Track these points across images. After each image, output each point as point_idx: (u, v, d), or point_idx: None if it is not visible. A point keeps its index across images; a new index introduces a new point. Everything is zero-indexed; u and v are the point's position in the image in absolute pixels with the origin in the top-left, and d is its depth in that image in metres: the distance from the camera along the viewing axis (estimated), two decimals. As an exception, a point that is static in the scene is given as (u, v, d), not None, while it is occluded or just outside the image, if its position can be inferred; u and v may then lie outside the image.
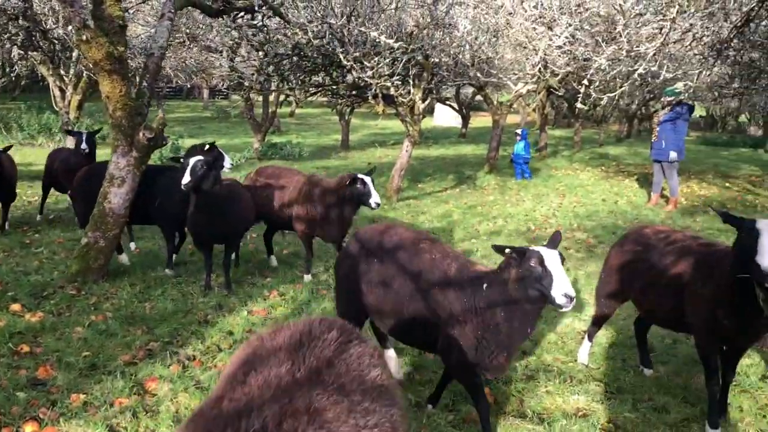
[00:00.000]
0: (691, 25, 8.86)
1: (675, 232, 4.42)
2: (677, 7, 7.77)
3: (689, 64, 10.88)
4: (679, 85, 11.08)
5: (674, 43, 9.24)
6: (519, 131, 14.66)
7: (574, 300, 3.11)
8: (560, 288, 3.09)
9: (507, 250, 3.33)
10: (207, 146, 6.87)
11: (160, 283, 6.02)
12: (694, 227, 9.40)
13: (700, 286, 3.76)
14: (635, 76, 8.69)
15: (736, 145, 25.83)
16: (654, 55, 8.56)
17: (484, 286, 3.38)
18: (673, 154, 10.81)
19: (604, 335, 5.18)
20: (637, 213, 10.49)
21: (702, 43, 9.74)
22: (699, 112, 33.69)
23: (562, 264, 3.22)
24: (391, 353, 4.35)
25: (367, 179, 6.16)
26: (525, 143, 14.26)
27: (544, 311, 3.37)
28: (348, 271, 4.01)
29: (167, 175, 6.32)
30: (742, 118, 31.92)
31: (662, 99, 11.57)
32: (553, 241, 3.49)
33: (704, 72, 10.35)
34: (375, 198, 6.11)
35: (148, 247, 7.54)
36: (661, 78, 9.26)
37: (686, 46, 9.87)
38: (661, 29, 8.76)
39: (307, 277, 6.40)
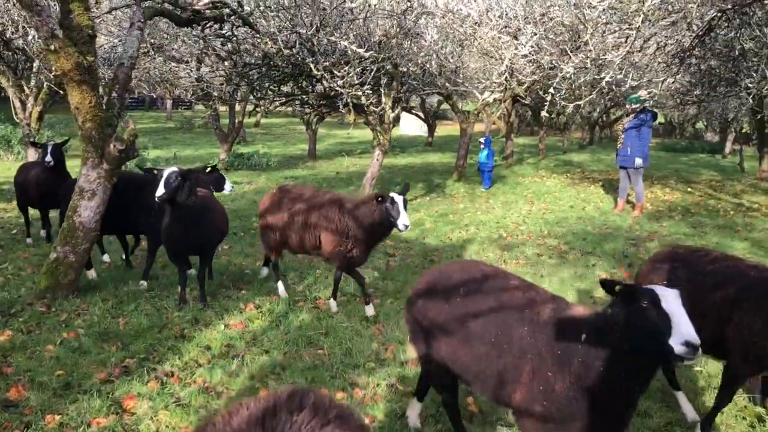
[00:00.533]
0: (655, 33, 9.07)
1: (712, 252, 4.14)
2: (642, 16, 7.92)
3: (653, 73, 11.11)
4: (642, 93, 11.30)
5: (639, 51, 9.44)
6: (482, 139, 14.47)
7: (699, 351, 2.48)
8: (681, 335, 2.47)
9: (617, 287, 2.70)
10: (209, 168, 6.82)
11: (133, 298, 5.88)
12: (661, 232, 9.58)
13: (752, 312, 3.53)
14: (602, 84, 8.84)
15: (695, 150, 26.48)
16: (619, 63, 8.71)
17: (583, 336, 2.76)
18: (638, 161, 11.03)
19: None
20: (605, 219, 10.65)
21: (665, 51, 9.97)
22: (659, 119, 34.52)
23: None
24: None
25: (399, 198, 5.34)
26: (489, 151, 14.05)
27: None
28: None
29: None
30: (699, 124, 32.74)
31: (626, 106, 11.79)
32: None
33: (668, 80, 10.56)
34: (404, 220, 5.32)
35: (118, 260, 7.37)
36: (627, 86, 9.41)
37: (650, 55, 10.10)
38: (626, 38, 8.95)
39: (369, 310, 5.75)
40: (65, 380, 4.18)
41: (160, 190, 5.10)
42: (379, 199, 5.37)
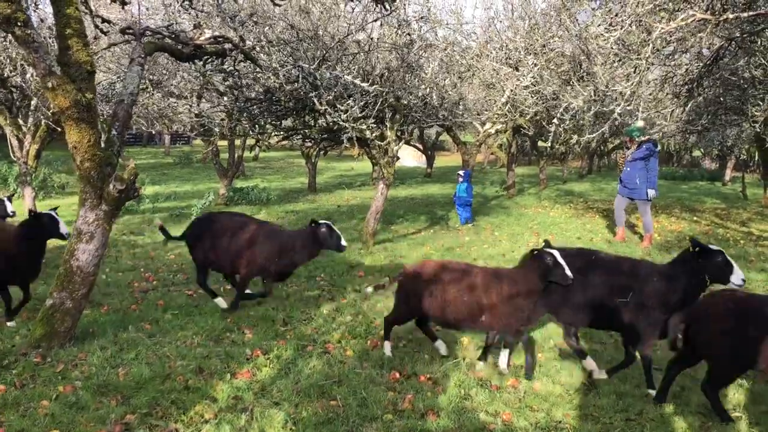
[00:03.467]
0: (663, 63, 8.94)
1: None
2: (650, 45, 7.79)
3: (661, 103, 10.99)
4: (639, 123, 11.15)
5: (648, 83, 9.32)
6: (461, 172, 13.63)
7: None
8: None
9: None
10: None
11: (133, 345, 5.58)
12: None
13: None
14: (615, 116, 8.67)
15: (694, 178, 26.43)
16: (629, 95, 8.56)
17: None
18: (651, 192, 10.86)
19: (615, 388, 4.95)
20: (615, 251, 10.39)
21: (673, 82, 9.85)
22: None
23: None
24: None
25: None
26: (467, 185, 13.28)
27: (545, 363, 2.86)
28: None
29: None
30: (697, 152, 32.74)
31: (626, 140, 11.64)
32: None
33: (677, 110, 10.43)
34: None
35: (117, 304, 7.07)
36: (637, 118, 9.29)
37: (658, 86, 9.97)
38: (635, 68, 8.82)
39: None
40: (61, 440, 3.89)
41: None
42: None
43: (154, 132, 19.27)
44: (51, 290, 5.52)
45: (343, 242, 6.69)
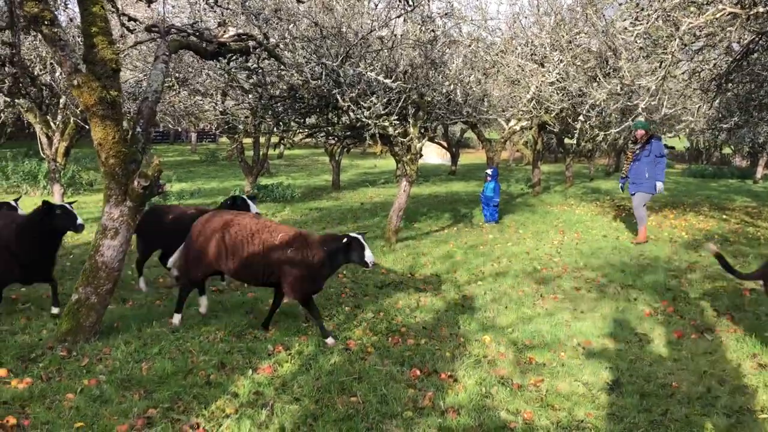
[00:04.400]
0: (692, 58, 8.78)
1: None
2: (677, 40, 7.66)
3: (689, 99, 10.79)
4: (641, 118, 11.01)
5: (674, 77, 9.15)
6: (489, 171, 13.51)
7: None
8: None
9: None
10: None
11: (157, 340, 5.64)
12: (701, 262, 9.17)
13: None
14: (639, 110, 8.54)
15: (724, 176, 25.94)
16: (654, 90, 8.43)
17: None
18: (659, 185, 10.65)
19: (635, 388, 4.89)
20: (641, 249, 10.26)
21: (700, 77, 9.66)
22: (684, 144, 33.99)
23: None
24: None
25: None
26: (495, 184, 13.12)
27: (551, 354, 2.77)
28: None
29: None
30: (727, 149, 32.16)
31: (633, 133, 11.40)
32: None
33: (704, 106, 10.24)
34: None
35: (142, 299, 7.16)
36: (662, 113, 9.11)
37: (684, 81, 9.80)
38: (660, 63, 8.68)
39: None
40: (85, 433, 3.94)
41: None
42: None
43: (180, 129, 19.43)
44: (76, 285, 5.60)
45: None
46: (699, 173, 26.56)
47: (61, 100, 11.67)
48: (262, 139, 16.76)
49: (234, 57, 7.86)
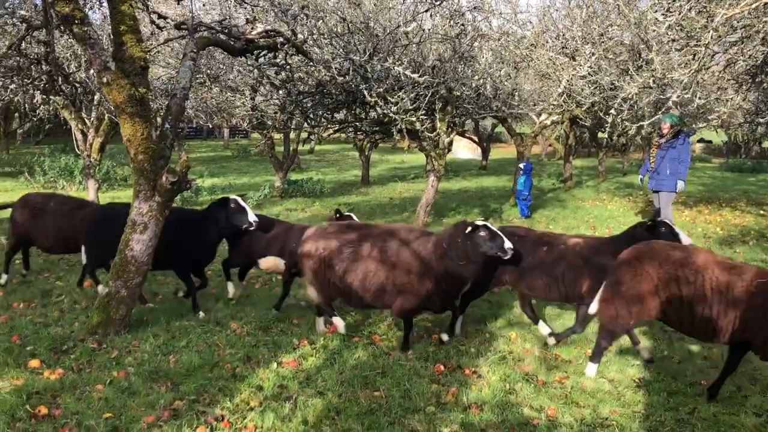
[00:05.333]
0: (726, 50, 8.59)
1: None
2: (711, 32, 7.49)
3: (725, 92, 10.54)
4: (676, 111, 10.71)
5: (707, 69, 8.96)
6: (522, 165, 13.40)
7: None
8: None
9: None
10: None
11: (185, 333, 5.73)
12: (736, 258, 8.97)
13: None
14: (669, 104, 8.39)
15: (763, 171, 25.29)
16: (686, 82, 8.25)
17: None
18: (680, 184, 10.26)
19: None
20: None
21: (734, 69, 9.46)
22: (720, 137, 33.25)
23: None
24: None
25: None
26: (526, 178, 12.99)
27: (577, 351, 2.79)
28: None
29: None
30: (767, 143, 31.37)
31: (662, 126, 10.93)
32: None
33: (738, 98, 10.00)
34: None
35: (171, 293, 7.28)
36: (694, 105, 8.95)
37: (718, 73, 9.60)
38: (694, 55, 8.49)
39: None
40: (113, 424, 4.02)
41: None
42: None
43: (212, 126, 19.67)
44: (107, 279, 5.73)
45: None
46: (737, 167, 25.93)
47: (95, 97, 11.91)
48: (292, 135, 16.87)
49: (262, 53, 7.92)
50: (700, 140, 34.33)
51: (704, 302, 4.33)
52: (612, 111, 10.43)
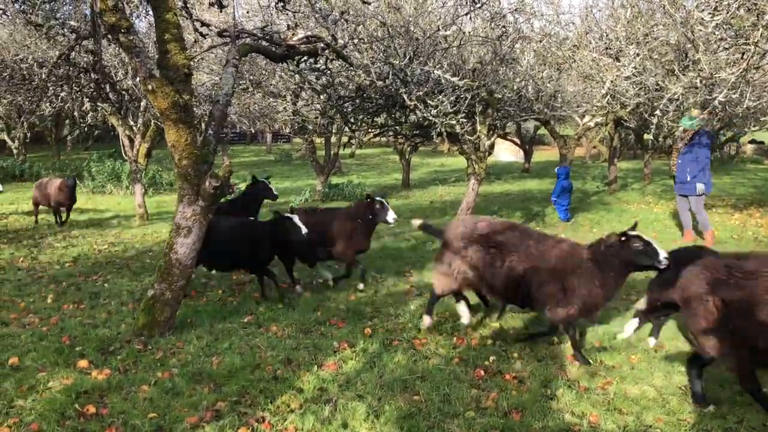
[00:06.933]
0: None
1: None
2: (761, 30, 7.28)
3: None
4: (696, 112, 10.49)
5: (757, 68, 8.69)
6: (557, 169, 13.29)
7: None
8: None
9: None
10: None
11: (227, 335, 5.83)
12: None
13: None
14: (715, 104, 8.17)
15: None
16: (734, 81, 8.03)
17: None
18: (700, 187, 10.10)
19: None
20: (721, 248, 9.79)
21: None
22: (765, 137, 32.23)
23: None
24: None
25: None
26: (560, 184, 12.85)
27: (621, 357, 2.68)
28: None
29: None
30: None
31: (680, 130, 10.89)
32: None
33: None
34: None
35: (215, 296, 7.40)
36: (744, 106, 8.67)
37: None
38: (742, 54, 8.26)
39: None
40: (157, 423, 4.11)
41: None
42: None
43: (255, 131, 19.94)
44: (152, 282, 5.86)
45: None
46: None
47: (141, 104, 12.19)
48: (333, 139, 16.99)
49: (303, 59, 8.00)
50: (752, 141, 33.34)
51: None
52: (657, 112, 10.21)
